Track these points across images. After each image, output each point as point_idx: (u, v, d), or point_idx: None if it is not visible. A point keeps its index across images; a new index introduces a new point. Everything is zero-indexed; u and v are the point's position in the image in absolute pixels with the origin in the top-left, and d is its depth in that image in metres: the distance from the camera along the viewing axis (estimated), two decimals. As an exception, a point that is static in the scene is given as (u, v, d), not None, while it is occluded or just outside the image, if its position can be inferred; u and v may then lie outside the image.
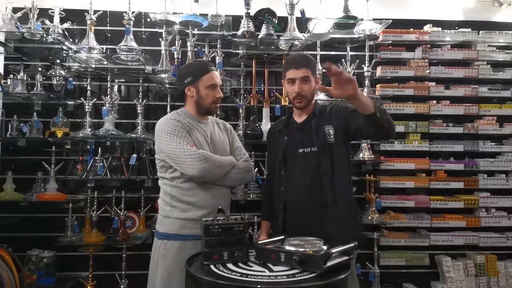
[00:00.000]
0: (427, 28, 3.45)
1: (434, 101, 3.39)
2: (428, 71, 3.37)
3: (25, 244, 3.02)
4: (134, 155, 3.08)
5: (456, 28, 3.48)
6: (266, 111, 3.21)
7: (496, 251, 3.33)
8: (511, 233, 3.36)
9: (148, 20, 3.23)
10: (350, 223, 2.02)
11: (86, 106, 3.07)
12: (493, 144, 3.42)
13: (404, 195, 3.34)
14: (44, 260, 2.94)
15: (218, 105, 2.15)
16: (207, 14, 3.09)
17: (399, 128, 3.35)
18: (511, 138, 3.44)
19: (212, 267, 1.50)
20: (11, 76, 3.13)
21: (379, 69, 3.39)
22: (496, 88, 3.45)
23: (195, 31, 3.08)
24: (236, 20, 3.20)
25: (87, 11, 3.02)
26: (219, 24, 3.15)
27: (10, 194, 3.04)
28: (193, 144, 2.01)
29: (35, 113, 3.15)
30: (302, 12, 3.09)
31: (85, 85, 3.22)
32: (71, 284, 3.01)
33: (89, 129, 3.04)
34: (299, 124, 2.12)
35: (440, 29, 3.42)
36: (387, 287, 3.24)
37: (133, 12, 3.03)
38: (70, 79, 3.14)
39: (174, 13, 3.11)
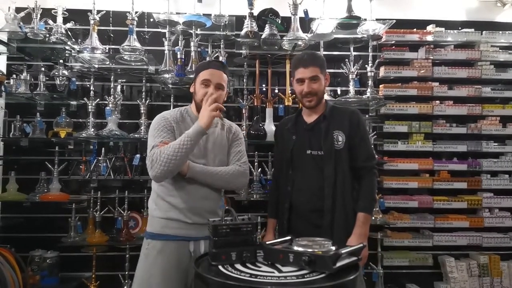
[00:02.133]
0: (430, 28, 3.44)
1: (438, 101, 3.39)
2: (431, 71, 3.37)
3: (28, 244, 3.01)
4: (138, 155, 3.06)
5: (459, 28, 3.48)
6: (269, 111, 3.20)
7: (499, 252, 3.33)
8: (514, 233, 3.36)
9: (151, 20, 3.23)
10: (345, 231, 1.99)
11: (89, 106, 3.06)
12: (496, 144, 3.42)
13: (407, 195, 3.34)
14: (47, 260, 2.93)
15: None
16: (210, 14, 3.08)
17: (402, 128, 3.36)
18: (514, 139, 3.44)
19: (220, 267, 1.50)
20: (14, 76, 3.12)
21: (382, 69, 3.38)
22: (499, 89, 3.45)
23: (198, 31, 3.09)
24: (239, 20, 3.19)
25: (90, 11, 3.01)
26: (222, 24, 3.14)
27: (13, 194, 3.03)
28: (168, 141, 1.89)
29: (38, 113, 3.14)
30: (305, 12, 3.09)
31: (88, 85, 3.21)
32: (74, 285, 2.99)
33: (92, 129, 3.03)
34: (308, 125, 2.11)
35: (443, 29, 3.42)
36: (390, 287, 3.24)
37: (136, 12, 3.02)
38: (73, 79, 3.13)
39: (177, 13, 3.10)
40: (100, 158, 3.08)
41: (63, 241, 2.97)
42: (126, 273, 2.98)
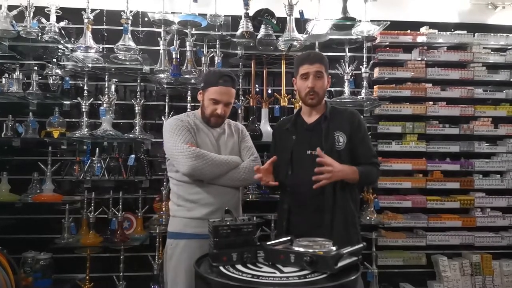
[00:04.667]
0: (423, 30, 3.47)
1: (431, 102, 3.42)
2: (424, 72, 3.40)
3: (20, 246, 2.96)
4: (132, 156, 3.04)
5: (452, 30, 3.51)
6: (265, 112, 3.21)
7: (491, 251, 3.37)
8: (505, 232, 3.41)
9: (146, 19, 3.21)
10: (346, 231, 2.00)
11: (83, 106, 3.02)
12: (488, 145, 3.47)
13: (401, 195, 3.37)
14: (40, 262, 2.87)
15: (219, 120, 2.14)
16: (206, 14, 3.07)
17: (396, 129, 3.39)
18: (505, 139, 3.48)
19: (221, 268, 1.50)
20: (6, 75, 3.07)
21: (376, 70, 3.41)
22: (491, 90, 3.51)
23: (194, 31, 3.07)
24: (235, 20, 3.18)
25: (83, 9, 2.99)
26: (218, 24, 3.14)
27: (5, 195, 2.99)
28: (192, 142, 2.01)
29: (30, 113, 3.10)
30: (301, 13, 3.09)
31: (81, 85, 3.17)
32: (68, 286, 2.96)
33: (86, 129, 3.00)
34: (309, 125, 2.11)
35: (436, 31, 3.45)
36: (385, 287, 3.26)
37: (131, 11, 3.00)
38: (67, 78, 3.10)
39: (172, 13, 3.08)
40: (94, 158, 3.05)
41: (57, 242, 2.92)
42: (121, 274, 2.97)
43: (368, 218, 3.11)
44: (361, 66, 3.21)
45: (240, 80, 3.30)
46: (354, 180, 2.00)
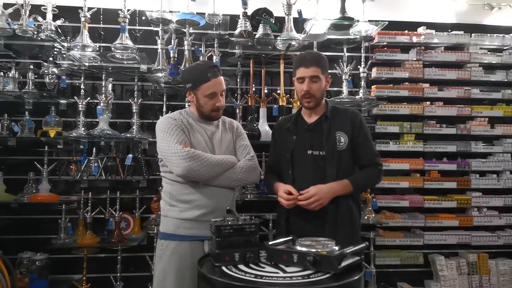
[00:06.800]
0: (421, 30, 3.49)
1: (428, 102, 3.43)
2: (422, 72, 3.41)
3: (16, 246, 2.94)
4: (130, 155, 3.02)
5: (449, 30, 3.53)
6: (263, 111, 3.20)
7: (487, 250, 3.39)
8: (502, 232, 3.43)
9: (143, 18, 3.20)
10: (348, 230, 2.00)
11: (80, 105, 3.00)
12: (485, 144, 3.48)
13: (399, 195, 3.38)
14: (37, 263, 2.85)
15: (219, 112, 2.09)
16: (204, 13, 3.05)
17: (394, 128, 3.40)
18: (501, 139, 3.50)
19: (224, 268, 1.49)
20: (2, 73, 3.03)
21: (374, 70, 3.41)
22: (487, 90, 3.52)
23: (192, 30, 3.06)
24: (233, 20, 3.17)
25: (80, 8, 2.95)
26: (216, 23, 3.11)
27: (1, 195, 2.95)
28: (186, 142, 1.96)
29: (26, 112, 3.06)
30: (299, 13, 3.09)
31: (77, 84, 3.15)
32: (64, 287, 2.93)
33: (83, 129, 2.98)
34: (309, 125, 2.11)
35: (433, 31, 3.47)
36: (383, 286, 3.27)
37: (128, 10, 2.98)
38: (63, 77, 3.07)
39: (170, 12, 3.06)
40: (91, 158, 3.03)
41: (53, 243, 2.90)
42: (118, 274, 2.94)
43: (366, 217, 3.11)
44: (359, 66, 3.22)
45: (238, 80, 3.30)
46: (348, 192, 2.01)
